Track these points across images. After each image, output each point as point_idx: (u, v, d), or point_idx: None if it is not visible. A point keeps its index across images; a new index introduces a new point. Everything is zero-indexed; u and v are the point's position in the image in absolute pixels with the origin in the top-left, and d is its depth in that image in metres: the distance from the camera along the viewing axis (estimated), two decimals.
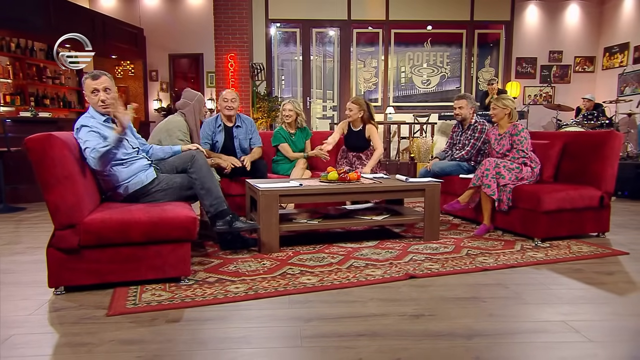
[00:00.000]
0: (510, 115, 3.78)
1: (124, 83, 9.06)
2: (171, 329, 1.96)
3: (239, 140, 4.14)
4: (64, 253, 2.29)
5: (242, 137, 4.15)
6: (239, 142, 4.14)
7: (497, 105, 3.81)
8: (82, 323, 2.01)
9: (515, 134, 3.66)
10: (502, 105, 3.78)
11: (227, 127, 4.12)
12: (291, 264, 2.87)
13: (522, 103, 8.93)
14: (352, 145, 4.46)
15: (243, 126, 4.18)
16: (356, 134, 4.42)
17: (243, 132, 4.16)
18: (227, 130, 4.12)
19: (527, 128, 8.03)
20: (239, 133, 4.14)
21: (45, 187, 2.23)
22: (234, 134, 4.12)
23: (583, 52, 9.22)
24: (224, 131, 4.10)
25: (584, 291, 2.40)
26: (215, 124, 4.11)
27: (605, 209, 3.51)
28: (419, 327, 1.99)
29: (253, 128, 4.27)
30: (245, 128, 4.18)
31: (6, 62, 6.94)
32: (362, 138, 4.38)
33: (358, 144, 4.42)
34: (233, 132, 4.12)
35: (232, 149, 4.11)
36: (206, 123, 4.10)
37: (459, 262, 2.90)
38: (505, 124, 3.81)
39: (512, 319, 2.06)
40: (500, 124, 3.85)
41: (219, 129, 4.10)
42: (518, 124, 3.72)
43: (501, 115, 3.79)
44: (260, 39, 8.69)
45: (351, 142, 4.45)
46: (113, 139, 2.50)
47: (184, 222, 2.44)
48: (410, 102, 9.24)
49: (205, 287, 2.46)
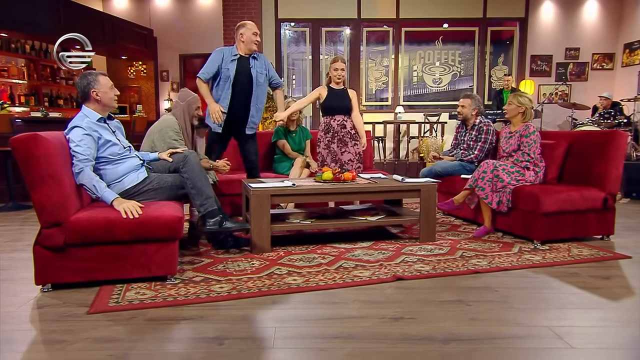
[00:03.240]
0: (524, 115, 3.63)
1: (137, 83, 9.20)
2: (147, 328, 1.97)
3: (255, 71, 3.75)
4: (50, 251, 2.32)
5: (260, 69, 3.77)
6: (256, 73, 3.74)
7: (512, 101, 3.65)
8: (62, 320, 2.03)
9: (525, 136, 3.53)
10: (518, 102, 3.62)
11: (243, 58, 3.73)
12: (280, 264, 2.85)
13: (537, 102, 8.73)
14: (333, 105, 3.99)
15: (259, 59, 3.81)
16: (338, 92, 4.00)
17: (259, 64, 3.79)
18: (242, 61, 3.71)
19: (542, 127, 7.78)
20: (255, 64, 3.76)
21: (31, 186, 2.27)
22: (251, 65, 3.74)
23: (601, 48, 8.94)
24: (237, 61, 3.70)
25: (575, 296, 2.32)
26: (229, 53, 3.72)
27: (610, 211, 3.39)
28: (396, 330, 1.95)
29: (267, 63, 3.89)
30: (261, 61, 3.82)
31: (21, 64, 7.13)
32: (346, 97, 4.00)
33: (343, 104, 3.99)
34: (250, 62, 3.74)
35: (249, 77, 3.72)
36: (216, 53, 3.73)
37: (451, 264, 2.84)
38: (518, 123, 3.67)
39: (494, 324, 2.00)
40: (513, 121, 3.72)
41: (234, 58, 3.70)
42: (530, 125, 3.56)
43: (514, 112, 3.64)
44: (270, 38, 8.71)
45: (333, 101, 3.98)
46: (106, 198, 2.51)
47: (169, 222, 2.45)
48: (422, 101, 9.13)
49: (190, 286, 2.46)
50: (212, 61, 3.70)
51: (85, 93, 2.66)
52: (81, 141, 2.54)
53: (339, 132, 3.98)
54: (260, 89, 3.80)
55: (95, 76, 2.69)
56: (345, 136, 3.98)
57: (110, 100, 2.74)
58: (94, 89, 2.65)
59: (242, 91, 3.73)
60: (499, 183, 3.44)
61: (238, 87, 3.71)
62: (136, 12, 8.76)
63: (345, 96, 4.01)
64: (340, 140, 3.98)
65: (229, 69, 3.67)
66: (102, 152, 2.68)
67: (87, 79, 2.66)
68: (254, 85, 3.75)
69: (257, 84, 3.75)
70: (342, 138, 3.97)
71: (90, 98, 2.67)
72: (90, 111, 2.68)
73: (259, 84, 3.77)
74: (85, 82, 2.66)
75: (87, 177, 2.51)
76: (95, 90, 2.66)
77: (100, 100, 2.68)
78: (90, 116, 2.66)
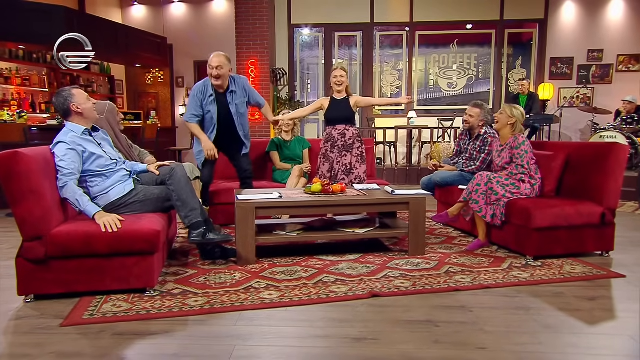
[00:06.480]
0: (514, 127, 3.55)
1: (154, 89, 9.43)
2: (112, 343, 2.01)
3: (235, 107, 3.80)
4: (32, 263, 2.41)
5: (239, 101, 3.82)
6: (235, 109, 3.81)
7: (505, 110, 3.57)
8: (33, 333, 2.11)
9: (515, 147, 3.45)
10: (510, 113, 3.53)
11: (220, 95, 3.75)
12: (262, 277, 2.87)
13: (557, 105, 8.47)
14: (335, 116, 4.02)
15: (237, 89, 3.80)
16: (340, 102, 4.02)
17: (239, 96, 3.81)
18: (220, 99, 3.75)
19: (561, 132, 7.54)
20: (234, 98, 3.79)
21: (11, 201, 2.36)
22: (229, 100, 3.78)
23: (627, 49, 8.61)
24: (215, 101, 3.74)
25: (552, 319, 2.24)
26: (205, 93, 3.72)
27: (609, 226, 3.25)
28: (355, 352, 1.93)
29: (247, 86, 3.89)
30: (239, 90, 3.81)
31: (42, 73, 7.42)
32: (348, 107, 4.02)
33: (343, 114, 4.01)
34: (227, 98, 3.77)
35: (230, 117, 3.80)
36: (194, 94, 3.76)
37: (433, 280, 2.79)
38: (507, 135, 3.60)
39: (456, 348, 1.95)
40: (502, 133, 3.65)
41: (210, 99, 3.72)
42: (519, 136, 3.48)
43: (504, 122, 3.56)
44: (283, 44, 8.77)
45: (334, 113, 4.02)
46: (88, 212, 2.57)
47: (146, 236, 2.51)
48: (437, 105, 9.00)
49: (166, 299, 2.51)
50: (195, 103, 3.78)
51: (66, 109, 2.75)
52: (65, 156, 2.62)
53: (338, 140, 4.01)
54: (242, 117, 3.92)
55: (69, 91, 2.78)
56: (346, 144, 4.01)
57: (90, 110, 2.82)
58: (72, 102, 2.74)
59: (226, 125, 3.85)
60: (493, 196, 3.36)
61: (221, 124, 3.83)
62: (153, 21, 8.99)
63: (347, 106, 4.03)
64: (339, 148, 4.01)
65: (210, 111, 3.77)
66: (89, 165, 2.76)
67: (63, 95, 2.76)
68: (235, 119, 3.85)
69: (238, 115, 3.86)
70: (342, 146, 4.00)
71: (72, 112, 2.76)
72: (74, 125, 2.77)
73: (241, 114, 3.88)
74: (62, 99, 2.75)
75: (70, 191, 2.59)
76: (74, 103, 2.74)
77: (82, 112, 2.77)
78: (75, 130, 2.75)
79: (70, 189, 2.59)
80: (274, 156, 4.42)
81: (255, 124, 7.76)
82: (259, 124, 7.91)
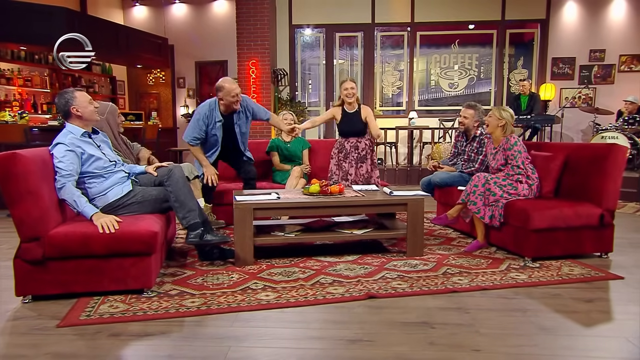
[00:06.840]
0: (504, 129, 3.55)
1: (156, 90, 9.46)
2: (108, 344, 2.02)
3: (238, 127, 3.89)
4: (30, 264, 2.42)
5: (242, 121, 3.92)
6: (239, 129, 3.90)
7: (494, 113, 3.59)
8: (30, 334, 2.12)
9: (508, 148, 3.45)
10: (499, 115, 3.56)
11: (227, 118, 3.83)
12: (259, 278, 2.87)
13: (558, 106, 8.44)
14: (348, 130, 4.22)
15: (241, 109, 3.87)
16: (352, 117, 4.20)
17: (243, 116, 3.91)
18: (226, 122, 3.83)
19: (562, 133, 7.50)
20: (238, 119, 3.88)
21: (9, 203, 2.37)
22: (234, 121, 3.87)
23: (630, 49, 8.56)
24: (222, 126, 3.82)
25: (548, 321, 2.24)
26: (211, 118, 3.78)
27: (608, 228, 3.24)
28: (349, 353, 1.93)
29: (251, 105, 3.98)
30: (243, 111, 3.89)
31: (44, 73, 7.45)
32: (359, 120, 4.20)
33: (356, 128, 4.20)
34: (233, 118, 3.85)
35: (233, 137, 3.89)
36: (198, 117, 3.78)
37: (430, 282, 2.79)
38: (498, 138, 3.59)
39: (451, 350, 1.95)
40: (493, 137, 3.65)
41: (218, 125, 3.80)
42: (511, 137, 3.48)
43: (494, 125, 3.57)
44: (284, 44, 8.77)
45: (347, 127, 4.22)
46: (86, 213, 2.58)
47: (143, 237, 2.51)
48: (439, 105, 8.99)
49: (164, 300, 2.52)
50: (199, 127, 3.81)
51: (66, 111, 2.76)
52: (64, 157, 2.63)
53: (351, 152, 4.23)
54: (244, 135, 4.02)
55: (72, 93, 2.78)
56: (359, 155, 4.22)
57: (91, 113, 2.82)
58: (73, 105, 2.74)
59: (229, 144, 3.96)
60: (491, 197, 3.35)
61: (225, 144, 3.94)
62: (154, 22, 9.02)
63: (359, 119, 4.21)
64: (354, 159, 4.22)
65: (216, 135, 3.85)
66: (87, 166, 2.77)
67: (65, 97, 2.76)
68: (239, 138, 3.97)
69: (241, 134, 3.97)
70: (356, 158, 4.21)
71: (72, 115, 2.76)
72: (73, 127, 2.77)
73: (243, 133, 3.99)
74: (64, 100, 2.76)
75: (68, 192, 2.60)
76: (74, 106, 2.75)
77: (81, 115, 2.77)
78: (74, 132, 2.76)
79: (68, 190, 2.60)
80: (274, 157, 4.43)
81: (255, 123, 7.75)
82: (260, 124, 7.91)
